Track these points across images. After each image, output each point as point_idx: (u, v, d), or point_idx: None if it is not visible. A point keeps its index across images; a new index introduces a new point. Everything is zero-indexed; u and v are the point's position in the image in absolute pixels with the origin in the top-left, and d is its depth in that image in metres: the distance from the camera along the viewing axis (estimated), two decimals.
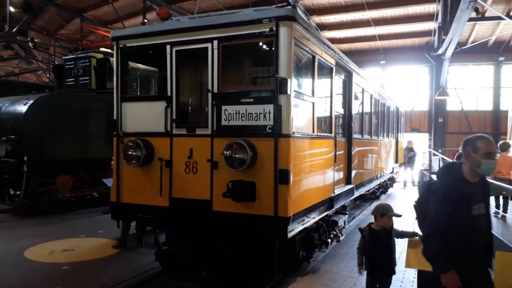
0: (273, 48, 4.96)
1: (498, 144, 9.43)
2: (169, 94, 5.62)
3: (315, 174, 5.97)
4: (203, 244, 5.71)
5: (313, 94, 5.88)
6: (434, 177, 14.50)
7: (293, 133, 5.05)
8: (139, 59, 6.38)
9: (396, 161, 16.44)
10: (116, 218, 6.07)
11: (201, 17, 5.63)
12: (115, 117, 6.01)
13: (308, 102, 5.74)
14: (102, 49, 14.05)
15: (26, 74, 27.01)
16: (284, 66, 4.92)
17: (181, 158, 5.52)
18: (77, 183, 11.58)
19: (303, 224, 5.47)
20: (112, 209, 6.06)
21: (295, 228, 5.15)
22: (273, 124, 4.90)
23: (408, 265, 4.48)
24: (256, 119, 5.02)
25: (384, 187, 15.87)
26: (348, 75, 8.16)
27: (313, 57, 5.88)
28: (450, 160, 13.28)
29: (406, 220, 5.77)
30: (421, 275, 4.32)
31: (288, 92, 4.91)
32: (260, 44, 5.35)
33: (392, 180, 17.14)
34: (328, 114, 6.80)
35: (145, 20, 19.80)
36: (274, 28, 4.91)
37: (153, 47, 5.79)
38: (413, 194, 15.40)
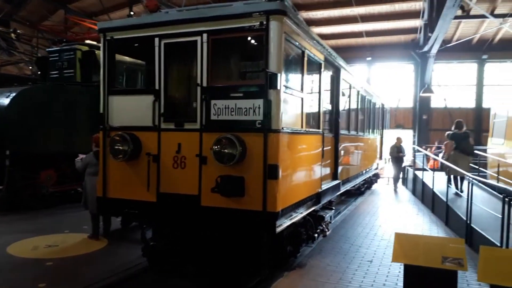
0: (263, 42, 4.93)
1: (446, 134, 12.26)
2: (157, 87, 5.55)
3: (303, 170, 5.99)
4: (190, 239, 5.68)
5: (302, 89, 5.87)
6: (418, 173, 14.72)
7: (283, 128, 5.04)
8: (126, 52, 6.28)
9: (381, 157, 16.61)
10: (103, 213, 5.98)
11: (190, 10, 5.55)
12: (101, 111, 5.91)
13: (297, 98, 5.74)
14: (87, 41, 13.78)
15: (8, 66, 26.36)
16: (274, 60, 4.89)
17: (169, 152, 5.47)
18: (61, 178, 11.39)
19: (291, 219, 5.47)
20: (98, 204, 5.97)
21: (283, 223, 5.15)
22: (262, 119, 4.88)
23: (395, 259, 4.53)
24: (245, 114, 4.99)
25: (369, 183, 16.06)
26: (336, 71, 8.18)
27: (303, 52, 5.87)
28: (435, 156, 13.50)
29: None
30: (407, 269, 4.38)
31: (278, 87, 4.89)
32: (250, 38, 5.30)
33: (376, 176, 17.33)
34: (316, 110, 6.81)
35: (131, 13, 19.54)
36: (265, 22, 4.88)
37: (141, 40, 5.69)
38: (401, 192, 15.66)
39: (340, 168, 8.32)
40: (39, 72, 14.26)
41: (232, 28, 5.09)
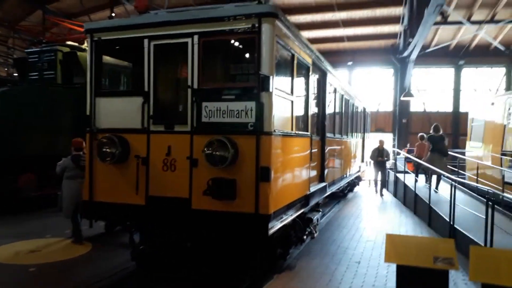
0: (255, 45, 4.93)
1: (418, 136, 14.31)
2: (146, 89, 5.48)
3: (293, 172, 6.00)
4: (181, 242, 5.61)
5: (292, 92, 5.90)
6: (399, 176, 14.98)
7: (275, 131, 5.05)
8: (114, 53, 6.17)
9: (363, 160, 16.83)
10: (89, 217, 5.85)
11: (180, 11, 5.51)
12: (88, 113, 5.78)
13: (288, 100, 5.76)
14: (68, 42, 13.50)
15: None
16: (266, 63, 4.90)
17: (158, 155, 5.39)
18: (42, 182, 11.08)
19: (282, 221, 5.47)
20: (84, 208, 5.84)
21: (275, 226, 5.15)
22: (255, 122, 4.88)
23: (387, 259, 4.58)
24: (237, 116, 4.98)
25: (351, 185, 16.23)
26: (323, 75, 8.26)
27: (293, 56, 5.90)
28: (415, 159, 13.80)
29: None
30: (400, 269, 4.42)
31: (270, 90, 4.90)
32: (242, 40, 5.29)
33: (358, 179, 17.54)
34: (304, 112, 6.85)
35: (113, 14, 19.27)
36: (257, 25, 4.89)
37: (130, 41, 5.61)
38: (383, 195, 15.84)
39: (326, 171, 8.39)
40: (15, 74, 13.87)
41: (224, 30, 5.08)
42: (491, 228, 6.22)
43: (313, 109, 7.55)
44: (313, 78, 7.39)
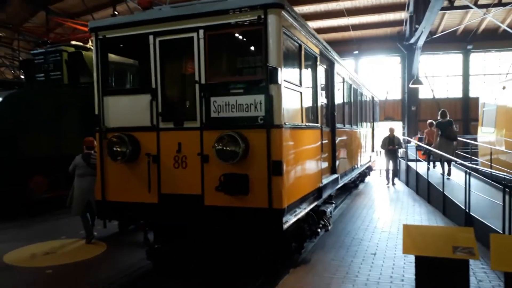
0: (261, 37, 4.83)
1: (427, 122, 14.74)
2: (153, 86, 5.42)
3: (305, 165, 5.92)
4: (195, 239, 5.57)
5: (300, 83, 5.80)
6: (411, 164, 14.81)
7: (285, 123, 4.96)
8: (120, 51, 6.11)
9: (373, 150, 16.68)
10: (103, 217, 5.83)
11: (185, 6, 5.42)
12: (96, 112, 5.74)
13: (297, 92, 5.66)
14: (73, 42, 13.50)
15: None
16: (274, 55, 4.81)
17: (169, 152, 5.34)
18: (53, 183, 11.13)
19: (296, 215, 5.40)
20: (97, 208, 5.82)
21: (289, 220, 5.08)
22: (265, 115, 4.80)
23: (405, 251, 4.50)
24: (246, 110, 4.90)
25: (362, 176, 16.11)
26: (330, 65, 8.13)
27: (300, 46, 5.80)
28: (425, 145, 13.70)
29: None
30: (419, 260, 4.34)
31: (279, 82, 4.81)
32: (248, 32, 5.18)
33: (369, 169, 17.40)
34: (313, 104, 6.75)
35: (115, 12, 19.25)
36: (262, 16, 4.79)
37: (135, 38, 5.53)
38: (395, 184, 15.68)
39: (337, 162, 8.29)
40: (22, 76, 13.91)
41: (229, 23, 4.98)
42: (509, 214, 6.09)
43: (322, 100, 7.44)
44: (321, 68, 7.28)
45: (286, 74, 5.17)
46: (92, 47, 12.61)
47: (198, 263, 5.70)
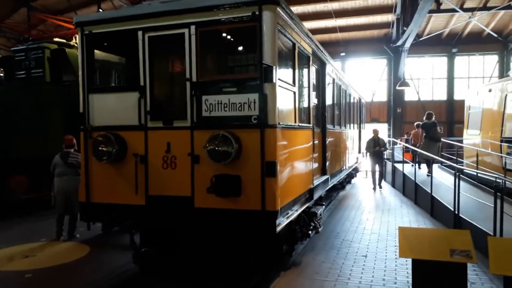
0: (256, 34, 4.69)
1: (415, 124, 15.11)
2: (142, 84, 5.22)
3: (297, 166, 5.79)
4: (184, 242, 5.38)
5: (294, 83, 5.67)
6: (397, 166, 14.86)
7: (279, 123, 4.83)
8: (107, 47, 5.88)
9: (359, 151, 16.71)
10: (86, 219, 5.58)
11: (176, 1, 5.23)
12: (81, 110, 5.51)
13: (290, 92, 5.53)
14: (56, 39, 13.11)
15: None
16: (268, 52, 4.67)
17: (157, 152, 5.15)
18: (34, 184, 10.75)
19: (288, 217, 5.27)
20: (81, 210, 5.58)
21: (282, 222, 4.94)
22: (258, 114, 4.66)
23: (402, 254, 4.40)
24: (240, 109, 4.75)
25: (349, 177, 16.10)
26: (322, 65, 8.05)
27: (294, 45, 5.67)
28: (410, 146, 13.80)
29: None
30: (416, 264, 4.25)
31: (274, 81, 4.67)
32: (242, 29, 5.01)
33: (355, 170, 17.41)
34: (306, 104, 6.64)
35: (100, 10, 18.83)
36: (257, 13, 4.65)
37: (123, 34, 5.32)
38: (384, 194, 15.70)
39: (327, 163, 8.20)
40: (1, 74, 13.43)
41: (222, 19, 4.82)
42: (500, 217, 6.07)
43: (313, 100, 7.34)
44: (313, 68, 7.18)
45: (280, 73, 5.03)
46: (76, 44, 12.36)
47: (187, 266, 5.51)
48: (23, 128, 10.31)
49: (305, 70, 6.62)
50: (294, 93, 5.67)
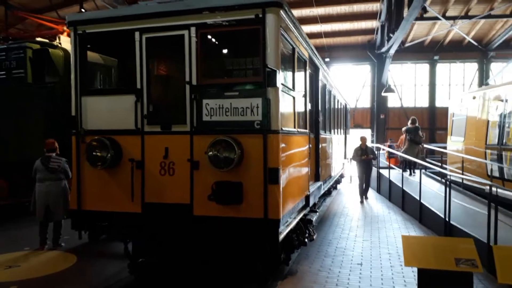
0: (258, 37, 4.57)
1: (402, 129, 15.30)
2: (138, 86, 5.02)
3: (297, 173, 5.69)
4: (182, 252, 5.19)
5: (293, 88, 5.58)
6: (384, 172, 14.94)
7: (282, 129, 4.71)
8: (101, 48, 5.65)
9: (345, 157, 16.76)
10: (78, 228, 5.32)
11: (175, 1, 5.06)
12: (73, 113, 5.26)
13: (290, 97, 5.43)
14: (38, 38, 12.67)
15: None
16: (272, 56, 4.56)
17: (154, 158, 4.96)
18: (14, 189, 10.30)
19: (288, 225, 5.15)
20: (72, 218, 5.31)
21: (283, 231, 4.82)
22: (262, 120, 4.53)
23: (407, 263, 4.34)
24: (242, 114, 4.61)
25: (336, 183, 16.12)
26: (315, 70, 8.00)
27: (293, 49, 5.58)
28: (393, 151, 13.99)
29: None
30: (421, 273, 4.19)
31: (277, 85, 4.57)
32: (244, 32, 4.88)
33: (341, 176, 17.44)
34: (303, 109, 6.55)
35: (82, 10, 18.35)
36: (260, 15, 4.54)
37: (119, 34, 5.12)
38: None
39: (320, 169, 8.14)
40: None
41: (224, 21, 4.69)
42: (494, 225, 6.08)
43: (309, 106, 7.26)
44: (308, 73, 7.11)
45: (282, 78, 4.93)
46: (59, 45, 11.96)
47: (184, 275, 5.31)
48: (2, 132, 9.88)
49: (302, 75, 6.54)
50: (294, 98, 5.58)
